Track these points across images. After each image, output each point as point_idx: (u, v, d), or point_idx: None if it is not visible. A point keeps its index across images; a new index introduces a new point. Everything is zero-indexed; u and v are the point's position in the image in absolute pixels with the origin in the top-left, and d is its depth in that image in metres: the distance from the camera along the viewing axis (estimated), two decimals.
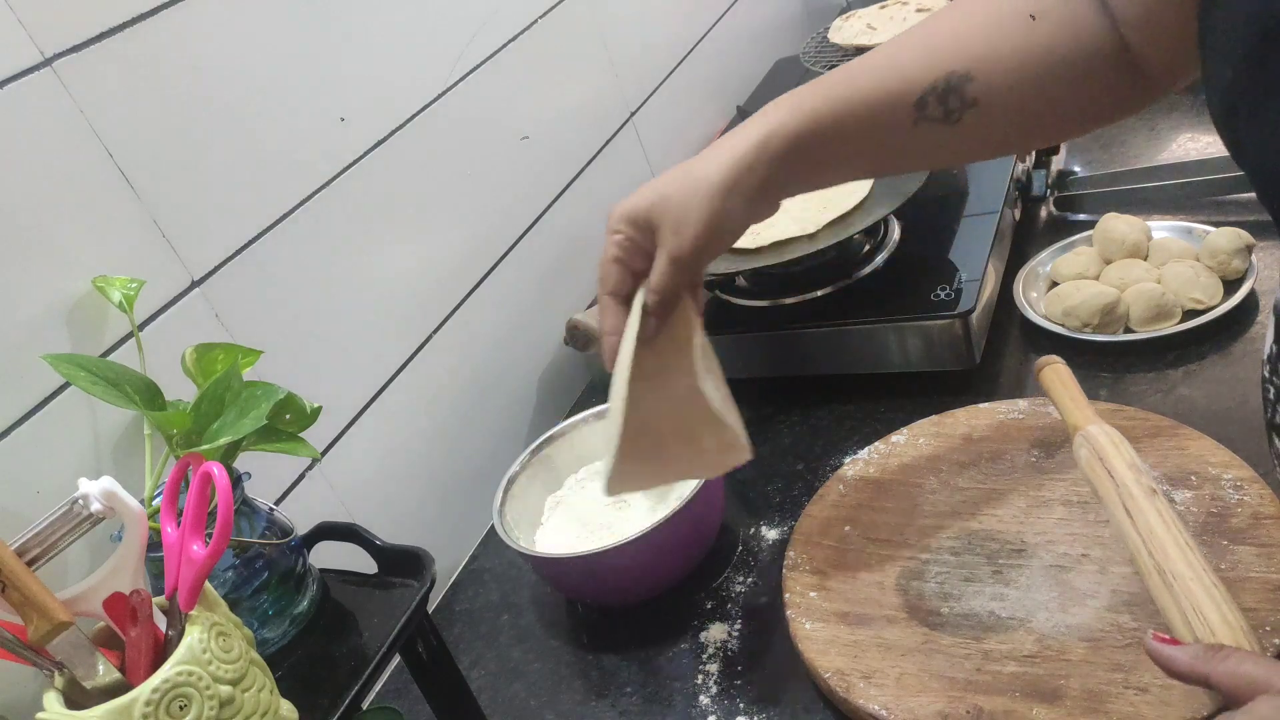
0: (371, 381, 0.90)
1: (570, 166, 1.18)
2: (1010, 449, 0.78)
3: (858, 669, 0.66)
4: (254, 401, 0.63)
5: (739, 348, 1.00)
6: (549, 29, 1.15)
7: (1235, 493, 0.66)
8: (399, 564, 0.69)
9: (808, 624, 0.71)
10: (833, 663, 0.67)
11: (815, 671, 0.68)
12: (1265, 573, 0.61)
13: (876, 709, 0.63)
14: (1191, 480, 0.69)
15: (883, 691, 0.64)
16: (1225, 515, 0.65)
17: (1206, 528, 0.65)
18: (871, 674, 0.65)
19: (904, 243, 1.00)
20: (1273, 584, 0.60)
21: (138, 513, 0.53)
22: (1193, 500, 0.67)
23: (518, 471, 0.89)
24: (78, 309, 0.67)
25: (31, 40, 0.65)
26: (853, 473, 0.82)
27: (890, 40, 0.64)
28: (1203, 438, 0.71)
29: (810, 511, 0.80)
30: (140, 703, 0.49)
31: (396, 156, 0.93)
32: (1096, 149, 1.17)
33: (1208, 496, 0.67)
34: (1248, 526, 0.64)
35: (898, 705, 0.62)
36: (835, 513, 0.79)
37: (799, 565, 0.76)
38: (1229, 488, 0.67)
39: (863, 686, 0.64)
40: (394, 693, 0.83)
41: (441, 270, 0.99)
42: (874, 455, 0.83)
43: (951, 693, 0.62)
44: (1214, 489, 0.67)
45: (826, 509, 0.80)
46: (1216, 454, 0.69)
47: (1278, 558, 0.61)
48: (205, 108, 0.76)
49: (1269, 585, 0.60)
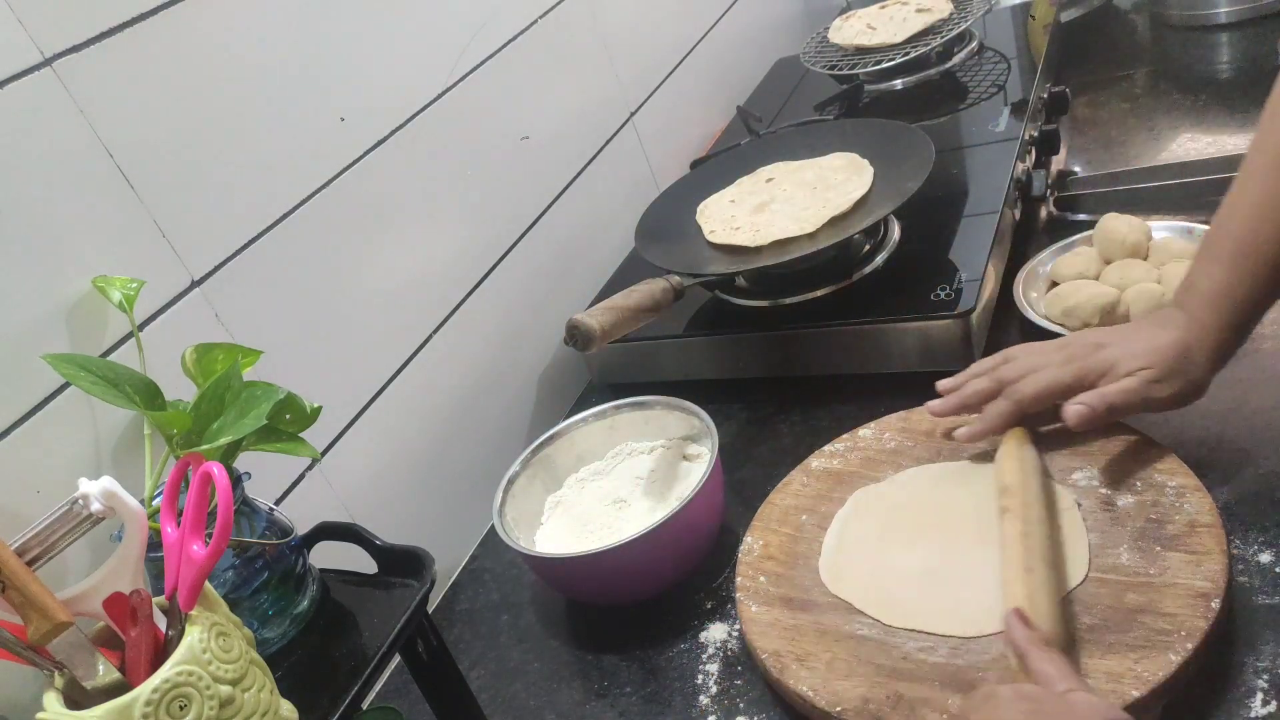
0: (371, 381, 0.90)
1: (570, 166, 1.18)
2: (970, 447, 0.79)
3: (793, 651, 0.68)
4: (254, 401, 0.63)
5: (739, 348, 1.01)
6: (549, 29, 1.15)
7: (1176, 499, 0.67)
8: (399, 564, 0.69)
9: (754, 607, 0.73)
10: (771, 644, 0.69)
11: (754, 652, 0.70)
12: (1190, 579, 0.62)
13: (805, 690, 0.65)
14: (1136, 486, 0.70)
15: (813, 674, 0.66)
16: (1163, 521, 0.66)
17: (1144, 533, 0.66)
18: (805, 657, 0.68)
19: (904, 243, 1.00)
20: (1196, 590, 0.61)
21: (138, 513, 0.53)
22: (1134, 505, 0.68)
23: (518, 471, 0.89)
24: (78, 309, 0.67)
25: (31, 40, 0.65)
26: (817, 464, 0.84)
27: (1247, 178, 0.68)
28: (1154, 445, 0.72)
29: (772, 499, 0.82)
30: (140, 703, 0.49)
31: (396, 156, 0.93)
32: (1096, 149, 1.17)
33: (1149, 502, 0.68)
34: (1182, 534, 0.65)
35: (824, 687, 0.65)
36: (796, 501, 0.81)
37: (753, 550, 0.78)
38: (1171, 494, 0.68)
39: (795, 668, 0.67)
40: (394, 693, 0.83)
41: (441, 270, 0.99)
42: (839, 448, 0.85)
43: (876, 679, 0.64)
44: (1156, 495, 0.68)
45: (788, 498, 0.82)
46: (1164, 461, 0.70)
47: (1206, 565, 0.62)
48: (205, 108, 0.76)
49: (1193, 592, 0.61)
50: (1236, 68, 1.24)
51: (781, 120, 1.35)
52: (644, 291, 0.89)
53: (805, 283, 0.98)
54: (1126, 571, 0.64)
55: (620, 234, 1.20)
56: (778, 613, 0.72)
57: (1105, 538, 0.67)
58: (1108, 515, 0.68)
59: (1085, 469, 0.72)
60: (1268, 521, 0.67)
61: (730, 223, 1.04)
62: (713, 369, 1.03)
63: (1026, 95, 1.19)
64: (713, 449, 0.81)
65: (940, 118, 1.25)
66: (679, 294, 0.92)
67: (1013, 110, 1.18)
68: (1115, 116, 1.22)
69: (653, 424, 0.91)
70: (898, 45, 1.33)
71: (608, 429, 0.93)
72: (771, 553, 0.77)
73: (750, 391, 1.00)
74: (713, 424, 0.84)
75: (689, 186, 1.16)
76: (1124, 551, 0.65)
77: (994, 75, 1.30)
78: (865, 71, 1.35)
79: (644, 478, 0.88)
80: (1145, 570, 0.64)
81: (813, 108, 1.35)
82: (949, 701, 0.61)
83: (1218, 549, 0.63)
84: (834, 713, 0.63)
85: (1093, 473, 0.72)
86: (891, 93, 1.36)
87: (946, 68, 1.35)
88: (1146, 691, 0.57)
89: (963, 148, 1.15)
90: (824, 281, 0.97)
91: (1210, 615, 0.59)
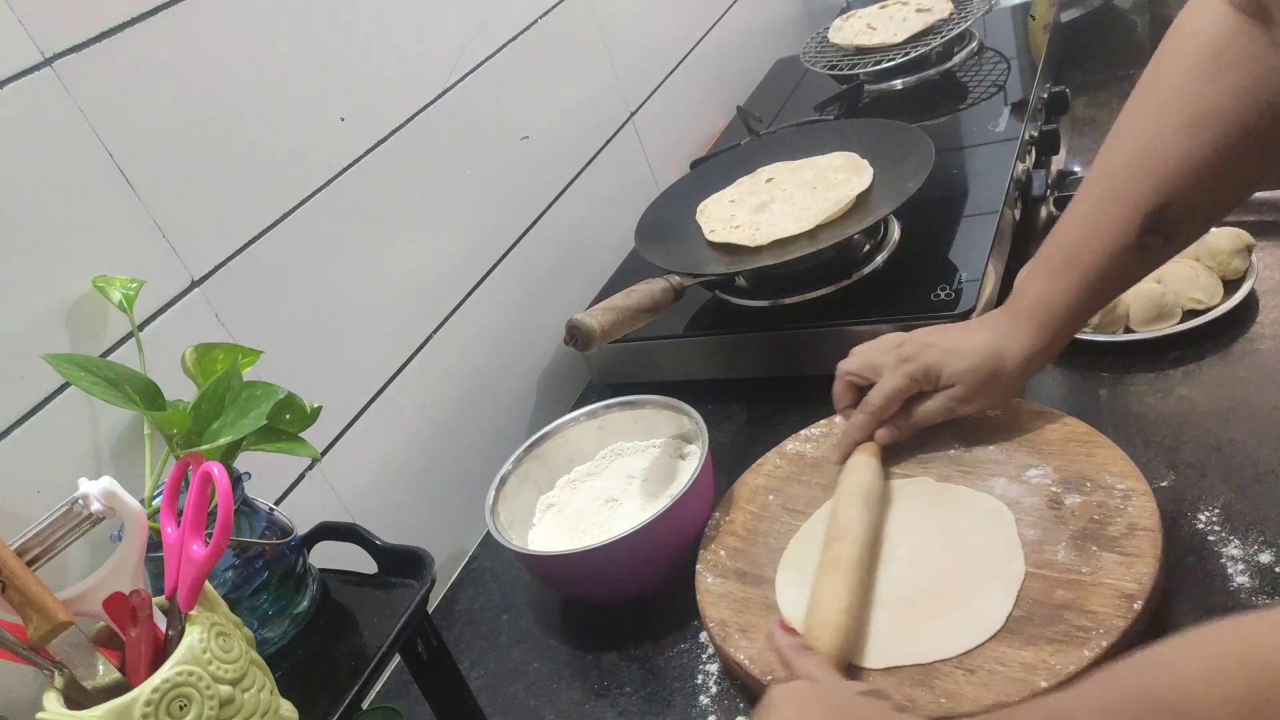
0: (371, 381, 0.90)
1: (570, 166, 1.19)
2: (936, 438, 0.80)
3: (738, 622, 0.72)
4: (254, 401, 0.63)
5: (739, 348, 1.01)
6: (549, 29, 1.15)
7: (1122, 502, 0.68)
8: (399, 564, 0.69)
9: (710, 578, 0.77)
10: (719, 614, 0.73)
11: (703, 619, 0.74)
12: (1119, 580, 0.63)
13: (743, 659, 0.69)
14: (1085, 486, 0.70)
15: (752, 644, 0.70)
16: (1104, 522, 0.67)
17: (1084, 533, 0.67)
18: (748, 628, 0.71)
19: (904, 243, 1.00)
20: (1122, 591, 0.62)
21: (138, 513, 0.53)
22: (1079, 505, 0.69)
23: (509, 471, 0.89)
24: (78, 309, 0.67)
25: (31, 40, 0.65)
26: (792, 447, 0.86)
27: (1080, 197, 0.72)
28: (1112, 448, 0.72)
29: (745, 478, 0.85)
30: (140, 703, 0.49)
31: (396, 157, 0.93)
32: (1096, 149, 1.17)
33: (1094, 503, 0.69)
34: (1121, 535, 0.66)
35: (760, 658, 0.68)
36: (766, 482, 0.84)
37: (719, 525, 0.81)
38: (1118, 497, 0.68)
39: (737, 638, 0.71)
40: (394, 693, 0.83)
41: (441, 270, 0.99)
42: (815, 433, 0.87)
43: None
44: (1103, 496, 0.69)
45: (760, 478, 0.84)
46: (1118, 464, 0.71)
47: (1136, 568, 0.63)
48: (205, 108, 0.76)
49: (1119, 592, 0.62)
50: None
51: (781, 120, 1.35)
52: (644, 291, 0.89)
53: (805, 283, 0.98)
54: (1060, 568, 0.65)
55: (620, 234, 1.20)
56: (731, 585, 0.75)
57: (1046, 534, 0.68)
58: (1053, 513, 0.70)
59: (1040, 467, 0.74)
60: (1268, 521, 0.67)
61: (730, 222, 1.04)
62: (713, 369, 1.03)
63: (1026, 95, 1.19)
64: (703, 446, 0.81)
65: (940, 118, 1.25)
66: (679, 294, 0.92)
67: (1013, 110, 1.18)
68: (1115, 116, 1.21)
69: (643, 423, 0.91)
70: (898, 45, 1.33)
71: (597, 429, 0.93)
72: (735, 529, 0.80)
73: (750, 391, 1.00)
74: (702, 422, 0.84)
75: (689, 186, 1.16)
76: (1061, 549, 0.67)
77: (994, 75, 1.30)
78: (865, 71, 1.35)
79: (637, 476, 0.88)
80: (1078, 569, 0.65)
81: (813, 108, 1.35)
82: (870, 678, 0.64)
83: (1151, 553, 0.63)
84: (765, 680, 0.66)
85: (1046, 470, 0.73)
86: (891, 93, 1.36)
87: (946, 68, 1.35)
88: (1055, 683, 0.58)
89: (963, 148, 1.15)
90: (824, 281, 0.97)
91: (1130, 615, 0.60)
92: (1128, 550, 0.65)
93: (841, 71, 1.37)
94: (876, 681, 0.64)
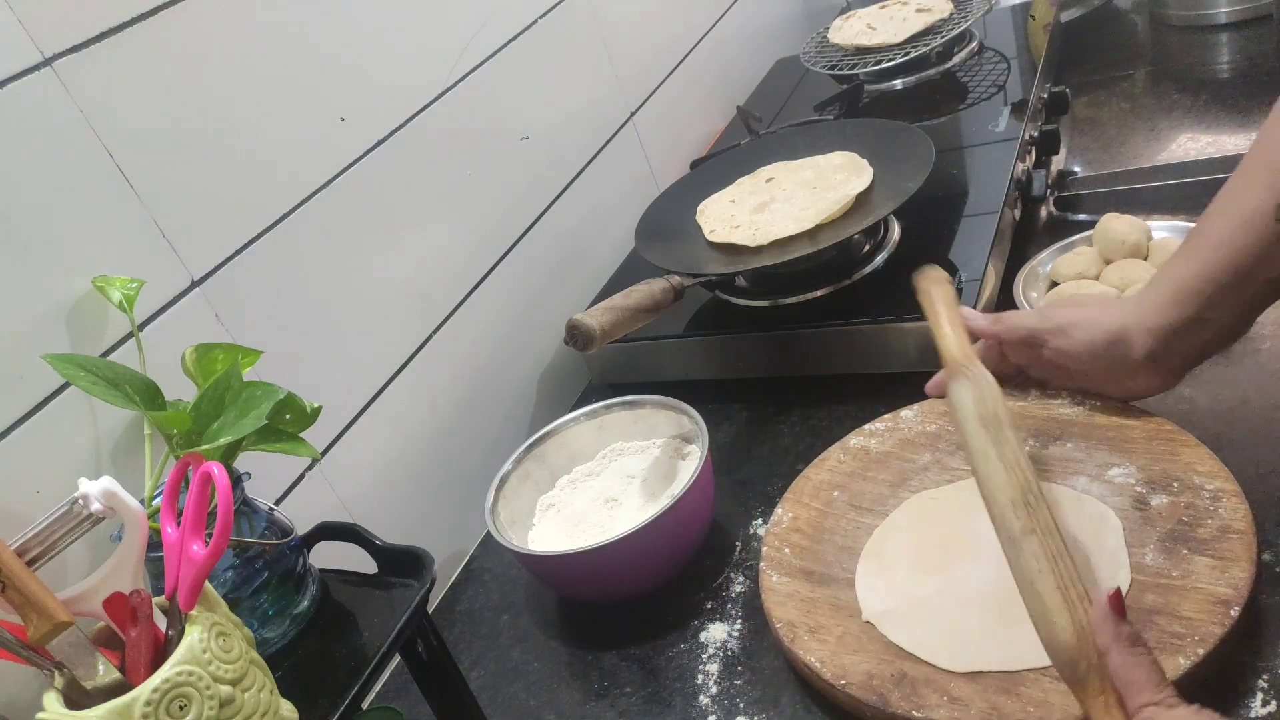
0: (371, 381, 0.90)
1: (570, 166, 1.18)
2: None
3: (807, 623, 0.70)
4: (254, 401, 0.63)
5: (739, 348, 1.01)
6: (549, 29, 1.15)
7: (1212, 503, 0.66)
8: (399, 564, 0.69)
9: (775, 577, 0.74)
10: (787, 614, 0.71)
11: (770, 620, 0.71)
12: (1213, 585, 0.60)
13: (813, 661, 0.66)
14: (1173, 486, 0.68)
15: (822, 646, 0.67)
16: (1195, 524, 0.65)
17: (1173, 535, 0.65)
18: (818, 629, 0.69)
19: (904, 243, 1.00)
20: (1218, 597, 0.60)
21: (138, 513, 0.53)
22: (1167, 506, 0.67)
23: (509, 471, 0.89)
24: (78, 309, 0.67)
25: (31, 40, 0.65)
26: (856, 442, 0.84)
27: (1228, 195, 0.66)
28: (1198, 446, 0.70)
29: (808, 474, 0.83)
30: (140, 703, 0.49)
31: (396, 157, 0.93)
32: (1096, 149, 1.17)
33: (1183, 504, 0.67)
34: (1212, 538, 0.63)
35: (832, 660, 0.66)
36: (830, 477, 0.82)
37: (782, 522, 0.79)
38: (1207, 498, 0.66)
39: (806, 639, 0.68)
40: (394, 693, 0.83)
41: (441, 270, 0.99)
42: (880, 427, 0.84)
43: (884, 656, 0.65)
44: (1192, 497, 0.67)
45: (823, 473, 0.82)
46: (1205, 464, 0.68)
47: (1231, 572, 0.61)
48: (205, 107, 0.76)
49: (1214, 598, 0.60)
50: (1236, 68, 1.24)
51: (781, 120, 1.36)
52: (644, 291, 0.89)
53: (805, 283, 0.98)
54: (1149, 572, 0.63)
55: (620, 234, 1.20)
56: (797, 584, 0.73)
57: (1133, 537, 0.66)
58: (1139, 514, 0.67)
59: (1123, 465, 0.71)
60: (1269, 522, 0.67)
61: (730, 222, 1.04)
62: (713, 369, 1.03)
63: (1026, 95, 1.19)
64: (703, 446, 0.81)
65: (940, 118, 1.25)
66: (679, 294, 0.92)
67: (1013, 110, 1.18)
68: (1115, 116, 1.22)
69: (642, 423, 0.91)
70: (898, 45, 1.33)
71: (597, 429, 0.93)
72: (800, 525, 0.78)
73: (750, 391, 1.00)
74: (702, 422, 0.84)
75: (689, 186, 1.16)
76: (1150, 551, 0.65)
77: (994, 75, 1.30)
78: (865, 71, 1.35)
79: (637, 476, 0.88)
80: (1169, 572, 0.62)
81: (813, 108, 1.35)
82: (951, 684, 0.61)
83: (1246, 557, 0.61)
84: (838, 685, 0.64)
85: (1130, 469, 0.71)
86: (891, 93, 1.36)
87: (946, 68, 1.35)
88: None
89: (963, 148, 1.15)
90: (824, 281, 0.97)
91: (1228, 622, 0.58)
92: (1221, 554, 0.62)
93: (841, 71, 1.37)
94: (960, 688, 0.61)
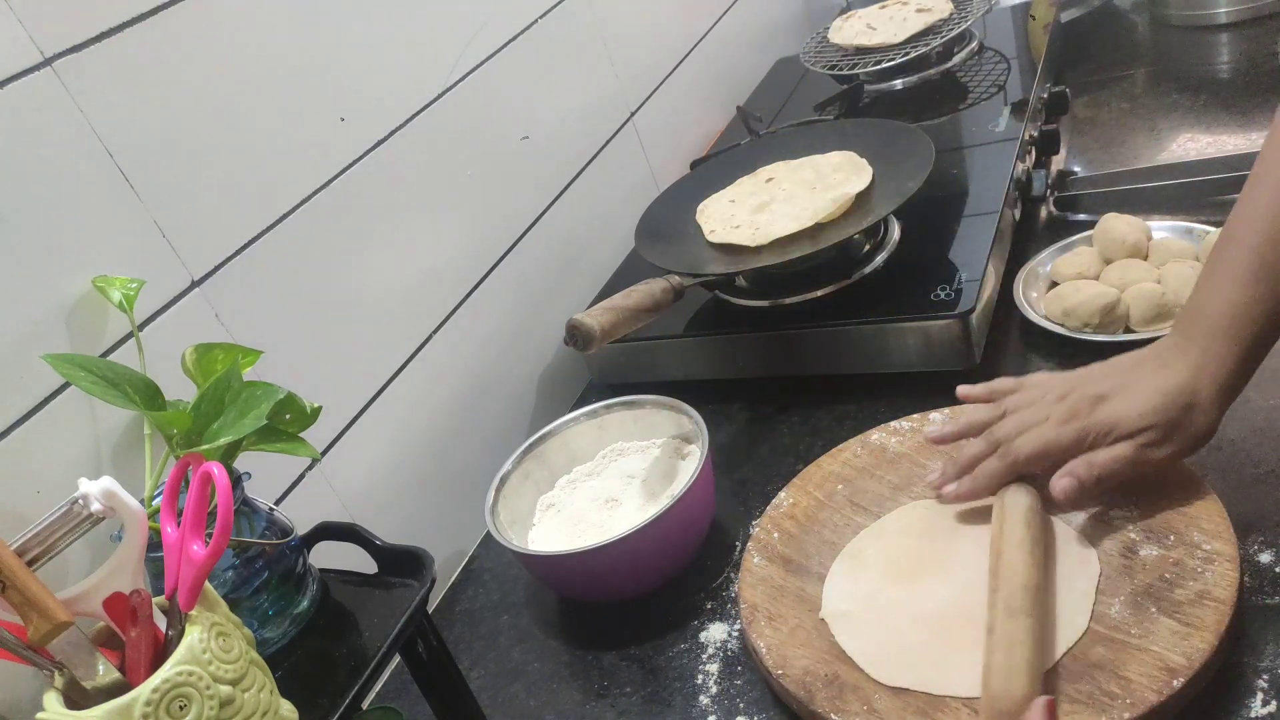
0: (371, 381, 0.90)
1: (570, 166, 1.18)
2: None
3: (768, 609, 0.71)
4: (254, 401, 0.63)
5: (739, 348, 1.01)
6: (549, 29, 1.15)
7: (1202, 565, 0.62)
8: (399, 564, 0.69)
9: (756, 558, 0.76)
10: (754, 597, 0.72)
11: (738, 596, 0.74)
12: (1166, 650, 0.58)
13: (761, 646, 0.68)
14: (1168, 540, 0.65)
15: (775, 634, 0.69)
16: (1175, 583, 0.61)
17: (1148, 590, 0.62)
18: (775, 617, 0.70)
19: (904, 243, 1.00)
20: (1166, 663, 0.57)
21: (138, 513, 0.53)
22: (1155, 559, 0.64)
23: (509, 471, 0.89)
24: (78, 309, 0.67)
25: (31, 40, 0.65)
26: (877, 438, 0.83)
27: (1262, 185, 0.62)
28: (1213, 501, 0.65)
29: (821, 461, 0.83)
30: (140, 703, 0.49)
31: (396, 157, 0.93)
32: (1096, 149, 1.17)
33: (1171, 560, 0.63)
34: (1187, 602, 0.60)
35: (777, 649, 0.68)
36: (840, 469, 0.82)
37: (781, 505, 0.80)
38: (1199, 558, 0.62)
39: (762, 624, 0.70)
40: (394, 693, 0.83)
41: (441, 270, 0.99)
42: (904, 425, 0.83)
43: (825, 655, 0.66)
44: (1183, 554, 0.63)
45: (835, 464, 0.82)
46: (1212, 521, 0.64)
47: (1191, 640, 0.57)
48: (205, 108, 0.76)
49: (1162, 664, 0.57)
50: (1236, 68, 1.24)
51: (781, 120, 1.35)
52: (644, 291, 0.89)
53: (805, 283, 0.98)
54: (1109, 623, 0.61)
55: (620, 234, 1.20)
56: (774, 570, 0.74)
57: (1107, 584, 0.63)
58: (1123, 562, 0.64)
59: (1126, 509, 0.68)
60: (1268, 521, 0.67)
61: (730, 222, 1.04)
62: (713, 369, 1.03)
63: (1026, 95, 1.19)
64: (703, 446, 0.81)
65: (940, 118, 1.25)
66: (679, 294, 0.92)
67: (1013, 110, 1.18)
68: (1115, 116, 1.22)
69: (642, 423, 0.91)
70: (898, 45, 1.33)
71: (597, 429, 0.93)
72: (795, 513, 0.79)
73: (750, 391, 1.00)
74: (702, 422, 0.84)
75: (689, 186, 1.16)
76: (1117, 604, 0.62)
77: (994, 75, 1.30)
78: (865, 71, 1.35)
79: (637, 476, 0.88)
80: (1128, 629, 0.60)
81: (813, 108, 1.35)
82: (875, 695, 0.62)
83: (1214, 628, 0.58)
84: (775, 674, 0.66)
85: (1131, 513, 0.67)
86: (891, 93, 1.36)
87: (946, 68, 1.35)
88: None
89: (963, 148, 1.15)
90: (824, 281, 0.97)
91: (1166, 692, 0.55)
92: (1189, 619, 0.59)
93: (841, 71, 1.37)
94: (883, 700, 0.61)
